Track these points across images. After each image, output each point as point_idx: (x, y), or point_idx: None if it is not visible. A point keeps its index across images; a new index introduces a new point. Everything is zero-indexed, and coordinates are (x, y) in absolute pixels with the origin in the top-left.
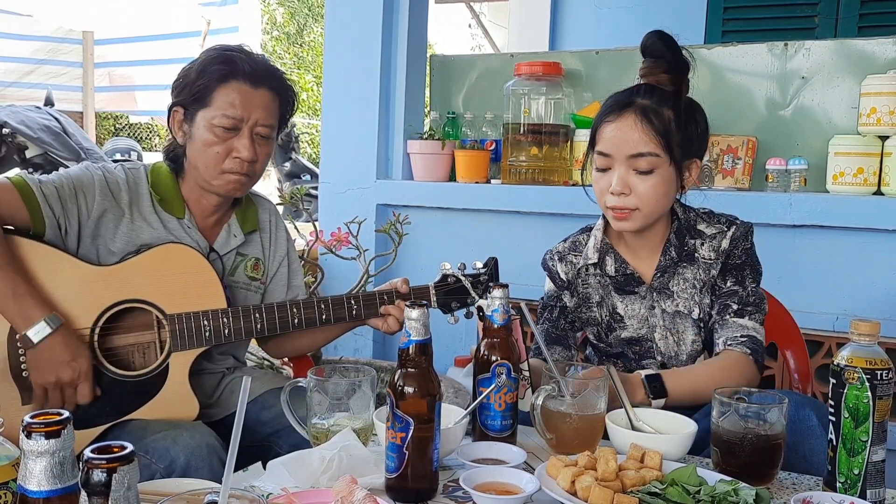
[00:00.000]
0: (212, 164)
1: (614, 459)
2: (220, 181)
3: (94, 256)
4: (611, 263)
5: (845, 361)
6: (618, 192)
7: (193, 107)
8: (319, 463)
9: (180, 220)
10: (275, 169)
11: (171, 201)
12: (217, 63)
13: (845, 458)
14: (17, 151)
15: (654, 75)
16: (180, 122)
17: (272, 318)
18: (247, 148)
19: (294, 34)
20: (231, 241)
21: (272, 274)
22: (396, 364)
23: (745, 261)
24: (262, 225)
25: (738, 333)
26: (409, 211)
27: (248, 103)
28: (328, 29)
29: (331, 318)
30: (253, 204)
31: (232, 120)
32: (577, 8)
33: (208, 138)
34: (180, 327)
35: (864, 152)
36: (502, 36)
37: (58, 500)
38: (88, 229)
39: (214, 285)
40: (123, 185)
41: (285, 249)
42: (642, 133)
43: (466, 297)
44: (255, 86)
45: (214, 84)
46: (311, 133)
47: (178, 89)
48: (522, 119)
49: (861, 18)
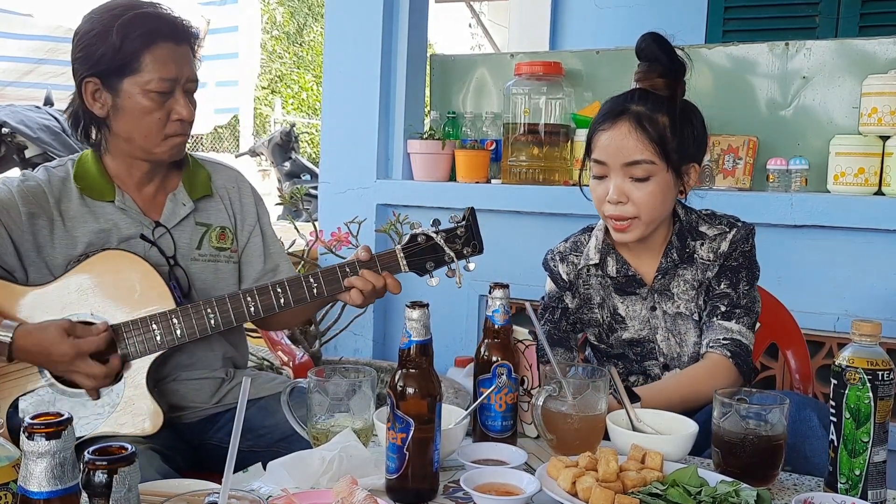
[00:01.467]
0: (154, 132)
1: (615, 460)
2: (163, 147)
3: (47, 273)
4: (612, 264)
5: (846, 362)
6: (615, 201)
7: (115, 76)
8: (320, 464)
9: (112, 203)
10: (275, 169)
11: (97, 187)
12: (139, 27)
13: (846, 459)
14: (17, 151)
15: (649, 80)
16: (94, 94)
17: (226, 310)
18: (185, 107)
19: (294, 33)
20: (179, 210)
21: (243, 243)
22: (397, 364)
23: (741, 263)
24: (220, 192)
25: (722, 336)
26: (409, 211)
27: (178, 61)
28: (328, 28)
29: (290, 302)
30: (203, 168)
31: (168, 83)
32: (577, 7)
33: (145, 105)
34: (128, 336)
35: (865, 152)
36: (503, 35)
37: (58, 500)
38: (27, 243)
39: (159, 286)
40: (46, 186)
41: (255, 216)
42: (637, 141)
43: (443, 256)
44: (179, 42)
45: (141, 48)
46: (310, 133)
47: (91, 59)
48: (522, 119)
49: (862, 18)
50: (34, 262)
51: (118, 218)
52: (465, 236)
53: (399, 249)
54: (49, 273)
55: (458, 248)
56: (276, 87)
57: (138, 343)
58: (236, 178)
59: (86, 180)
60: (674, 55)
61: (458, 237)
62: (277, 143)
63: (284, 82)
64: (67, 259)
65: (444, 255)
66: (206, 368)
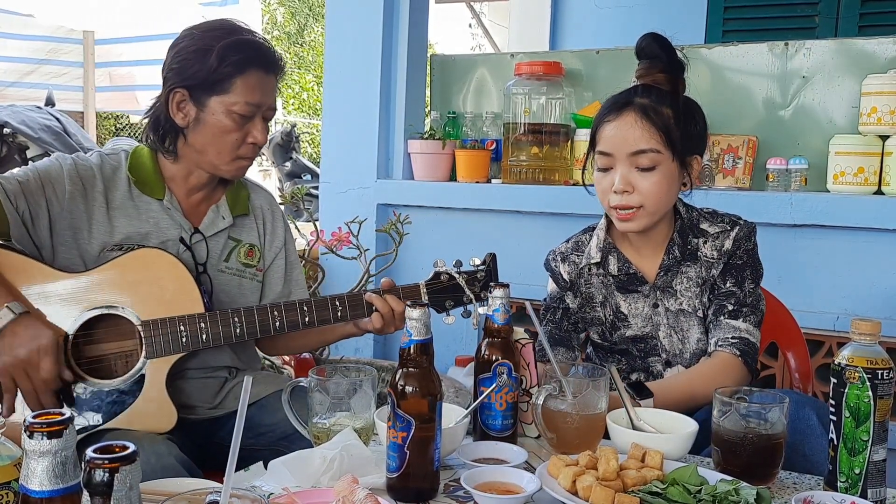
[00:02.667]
0: (227, 150)
1: (615, 459)
2: (231, 167)
3: (77, 257)
4: (613, 262)
5: (846, 361)
6: (620, 191)
7: (204, 92)
8: (321, 463)
9: (160, 201)
10: (275, 169)
11: (150, 183)
12: (237, 51)
13: (846, 458)
14: (18, 151)
15: (650, 75)
16: (180, 104)
17: (252, 321)
18: (261, 133)
19: (294, 34)
20: (218, 222)
21: (268, 263)
22: (397, 364)
23: (745, 261)
24: (255, 211)
25: (731, 335)
26: (410, 211)
27: (265, 90)
28: (329, 29)
29: (314, 321)
30: (245, 188)
31: (252, 107)
32: (577, 7)
33: (226, 125)
34: (155, 334)
35: (864, 152)
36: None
37: (60, 499)
38: (65, 221)
39: (191, 289)
40: (97, 171)
41: (283, 240)
42: (643, 129)
43: (462, 296)
44: (268, 72)
45: (235, 72)
46: (311, 133)
47: (185, 73)
48: (523, 119)
49: (861, 18)
50: (66, 243)
51: (160, 217)
52: (485, 280)
53: (423, 284)
54: (80, 259)
55: (476, 290)
56: None
57: (164, 342)
58: (271, 202)
59: (140, 173)
60: (673, 53)
61: (478, 280)
62: (278, 143)
63: (285, 82)
64: (103, 246)
65: (464, 296)
66: (210, 368)
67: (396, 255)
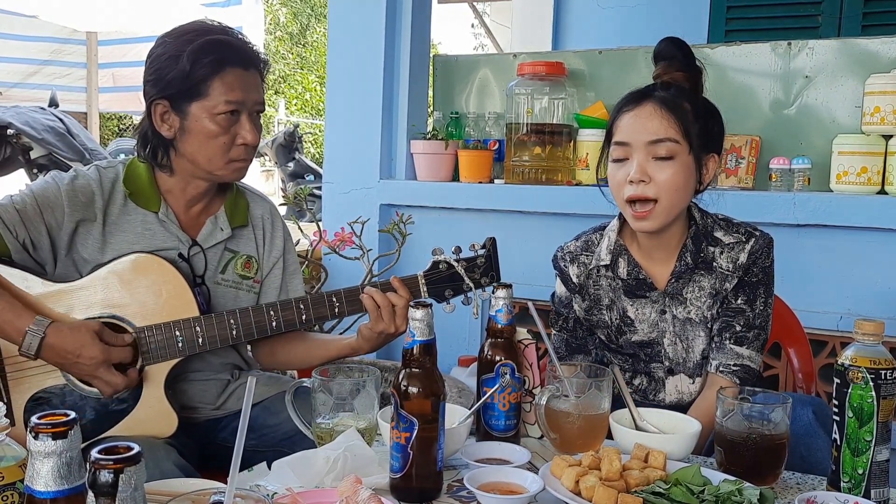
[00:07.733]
0: (218, 155)
1: (618, 459)
2: (226, 170)
3: (73, 269)
4: (623, 266)
5: (849, 361)
6: (636, 180)
7: (184, 99)
8: (324, 463)
9: (155, 213)
10: (278, 169)
11: (145, 195)
12: (210, 53)
13: (849, 458)
14: (22, 152)
15: (669, 73)
16: (163, 116)
17: (248, 322)
18: (250, 132)
19: (297, 34)
20: (217, 234)
21: (266, 273)
22: (400, 364)
23: (760, 279)
24: (255, 222)
25: (732, 361)
26: (413, 211)
27: (245, 87)
28: (331, 29)
29: (311, 318)
30: (244, 198)
31: (233, 105)
32: (580, 7)
33: (212, 129)
34: (150, 340)
35: (867, 151)
36: (505, 36)
37: (65, 500)
38: (63, 241)
39: (185, 293)
40: (96, 187)
41: (281, 250)
42: (661, 119)
43: (462, 284)
44: (247, 68)
45: (210, 74)
46: (314, 133)
47: (161, 83)
48: (525, 119)
49: (864, 17)
50: (63, 259)
51: (157, 229)
52: (485, 266)
53: (421, 276)
54: (75, 270)
55: (476, 277)
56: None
57: (160, 347)
58: (271, 211)
59: (135, 185)
60: (691, 55)
61: (478, 266)
62: (281, 143)
63: (288, 83)
64: (95, 261)
65: (464, 284)
66: (213, 370)
67: (399, 255)
